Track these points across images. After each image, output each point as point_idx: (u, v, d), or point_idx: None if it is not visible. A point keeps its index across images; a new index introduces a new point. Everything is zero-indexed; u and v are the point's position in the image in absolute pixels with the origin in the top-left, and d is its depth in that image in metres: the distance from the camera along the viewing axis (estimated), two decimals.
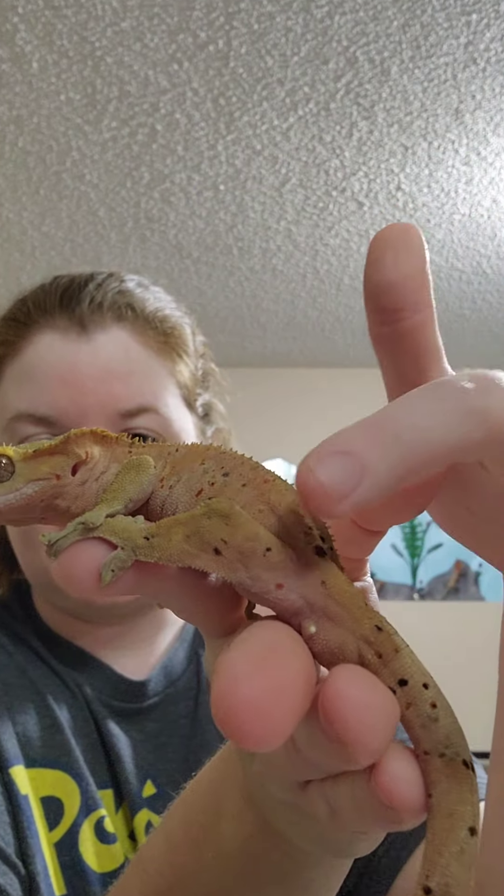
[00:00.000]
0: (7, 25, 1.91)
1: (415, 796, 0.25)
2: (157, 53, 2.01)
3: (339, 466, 0.22)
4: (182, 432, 0.74)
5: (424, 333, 0.32)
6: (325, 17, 1.89)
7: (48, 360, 0.70)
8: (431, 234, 2.88)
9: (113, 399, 0.69)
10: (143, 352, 0.73)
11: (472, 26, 1.93)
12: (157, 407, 0.71)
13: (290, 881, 0.38)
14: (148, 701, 0.75)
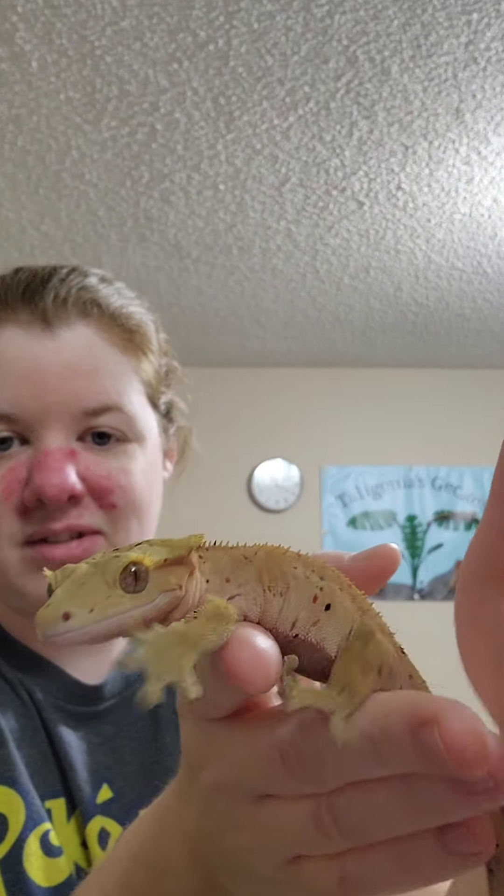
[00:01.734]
0: (6, 24, 1.91)
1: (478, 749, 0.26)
2: (157, 53, 2.01)
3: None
4: (146, 431, 0.73)
5: None
6: (326, 16, 1.90)
7: (10, 356, 0.69)
8: (432, 233, 2.88)
9: (76, 397, 0.68)
10: (108, 349, 0.72)
11: (473, 25, 1.94)
12: (122, 405, 0.70)
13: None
14: (104, 704, 0.73)
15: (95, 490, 0.68)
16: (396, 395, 4.13)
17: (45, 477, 0.65)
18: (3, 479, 0.67)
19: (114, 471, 0.69)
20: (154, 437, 0.76)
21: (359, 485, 3.98)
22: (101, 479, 0.68)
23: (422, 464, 4.01)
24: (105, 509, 0.68)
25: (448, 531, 3.92)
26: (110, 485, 0.68)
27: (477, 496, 3.96)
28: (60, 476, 0.65)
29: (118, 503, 0.69)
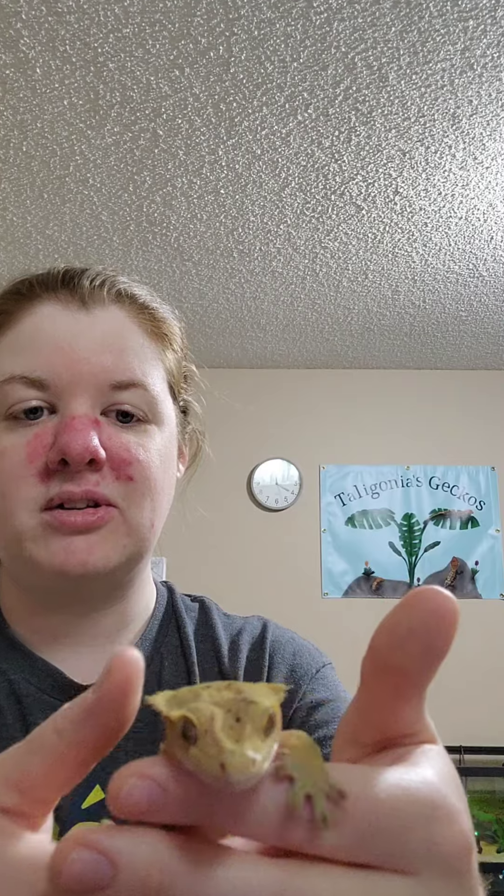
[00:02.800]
0: (10, 31, 1.94)
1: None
2: (159, 59, 2.03)
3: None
4: (165, 416, 0.76)
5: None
6: (324, 23, 1.92)
7: (46, 329, 0.72)
8: (429, 237, 2.90)
9: (105, 370, 0.71)
10: (137, 332, 0.76)
11: (469, 32, 1.95)
12: (146, 384, 0.73)
13: None
14: None
15: (115, 460, 0.70)
16: (394, 395, 4.15)
17: (70, 437, 0.67)
18: (30, 444, 0.69)
19: (133, 445, 0.71)
20: (172, 426, 0.78)
21: (357, 484, 4.00)
22: (121, 451, 0.70)
23: (419, 463, 4.03)
24: (122, 481, 0.70)
25: (444, 529, 3.94)
26: (129, 457, 0.70)
27: (473, 495, 3.99)
28: (85, 437, 0.67)
29: (135, 476, 0.70)
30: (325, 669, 0.81)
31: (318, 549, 3.93)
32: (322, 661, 0.83)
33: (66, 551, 0.68)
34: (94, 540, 0.68)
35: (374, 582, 3.85)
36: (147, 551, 0.75)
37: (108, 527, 0.69)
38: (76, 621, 0.75)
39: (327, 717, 0.74)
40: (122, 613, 0.78)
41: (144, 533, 0.72)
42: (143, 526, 0.72)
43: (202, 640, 0.81)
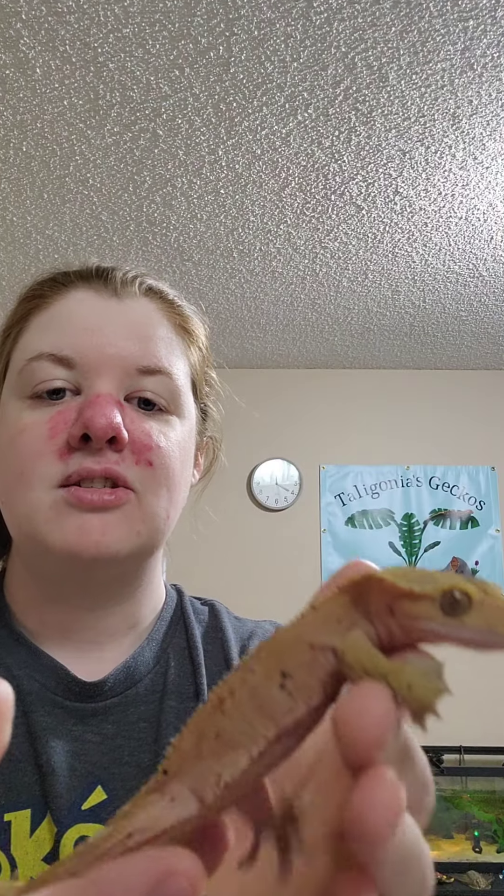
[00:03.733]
0: (10, 31, 1.93)
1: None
2: (159, 59, 2.03)
3: None
4: (186, 409, 0.76)
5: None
6: (324, 23, 1.91)
7: (78, 311, 0.73)
8: (429, 237, 2.90)
9: (132, 354, 0.71)
10: (165, 324, 0.77)
11: (469, 32, 1.95)
12: (172, 372, 0.74)
13: None
14: (106, 701, 0.72)
15: (136, 443, 0.69)
16: (394, 396, 4.15)
17: (94, 411, 0.66)
18: (52, 420, 0.69)
19: (154, 431, 0.71)
20: (192, 422, 0.78)
21: (357, 484, 4.00)
22: (143, 436, 0.70)
23: (419, 463, 4.03)
24: (141, 465, 0.70)
25: (444, 529, 3.94)
26: (150, 442, 0.70)
27: (472, 495, 3.99)
28: (109, 413, 0.67)
29: (154, 462, 0.70)
30: None
31: (319, 550, 3.93)
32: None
33: (80, 530, 0.67)
34: (110, 520, 0.68)
35: None
36: (159, 544, 0.74)
37: (124, 509, 0.69)
38: (84, 616, 0.74)
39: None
40: (130, 613, 0.77)
41: (159, 523, 0.72)
42: (158, 515, 0.71)
43: (211, 642, 0.80)
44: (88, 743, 0.69)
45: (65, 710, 0.70)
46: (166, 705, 0.73)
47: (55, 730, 0.69)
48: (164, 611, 0.82)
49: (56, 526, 0.67)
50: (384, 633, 0.31)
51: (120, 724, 0.71)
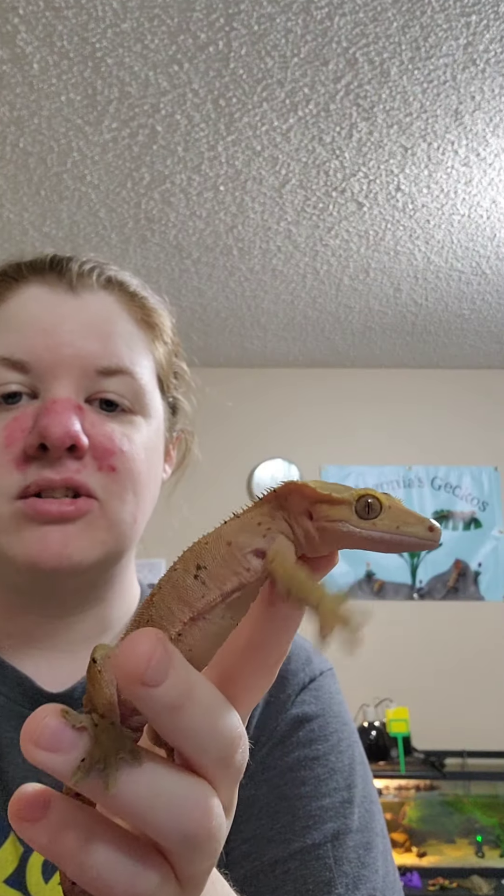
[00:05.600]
0: (8, 27, 1.92)
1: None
2: (158, 55, 2.01)
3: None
4: (152, 407, 0.73)
5: None
6: (325, 18, 1.90)
7: (31, 310, 0.70)
8: (431, 234, 2.89)
9: (91, 355, 0.68)
10: (126, 318, 0.73)
11: (472, 27, 1.94)
12: (133, 372, 0.70)
13: None
14: (77, 711, 0.70)
15: (97, 449, 0.67)
16: (396, 395, 4.13)
17: (50, 419, 0.63)
18: (7, 428, 0.66)
19: (117, 434, 0.68)
20: (159, 420, 0.75)
21: (358, 484, 3.97)
22: (104, 440, 0.67)
23: (421, 464, 4.01)
24: (104, 471, 0.67)
25: (447, 531, 3.93)
26: (112, 447, 0.67)
27: (476, 496, 3.97)
28: (66, 421, 0.64)
29: (118, 467, 0.67)
30: (323, 678, 0.75)
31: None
32: (320, 668, 0.76)
33: (40, 543, 0.64)
34: (71, 532, 0.65)
35: (376, 584, 3.83)
36: (127, 549, 0.72)
37: (87, 519, 0.66)
38: (51, 624, 0.72)
39: (312, 735, 0.69)
40: (101, 617, 0.74)
41: (125, 529, 0.69)
42: (123, 521, 0.68)
43: None
44: None
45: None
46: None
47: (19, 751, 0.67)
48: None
49: (16, 538, 0.65)
50: (301, 535, 0.36)
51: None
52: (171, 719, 0.32)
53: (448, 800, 3.32)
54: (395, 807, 3.30)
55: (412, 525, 0.34)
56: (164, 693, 0.31)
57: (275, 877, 0.61)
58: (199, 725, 0.33)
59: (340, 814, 0.64)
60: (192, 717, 0.33)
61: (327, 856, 0.62)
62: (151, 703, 0.31)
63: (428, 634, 3.75)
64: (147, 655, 0.31)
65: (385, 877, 0.64)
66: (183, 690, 0.32)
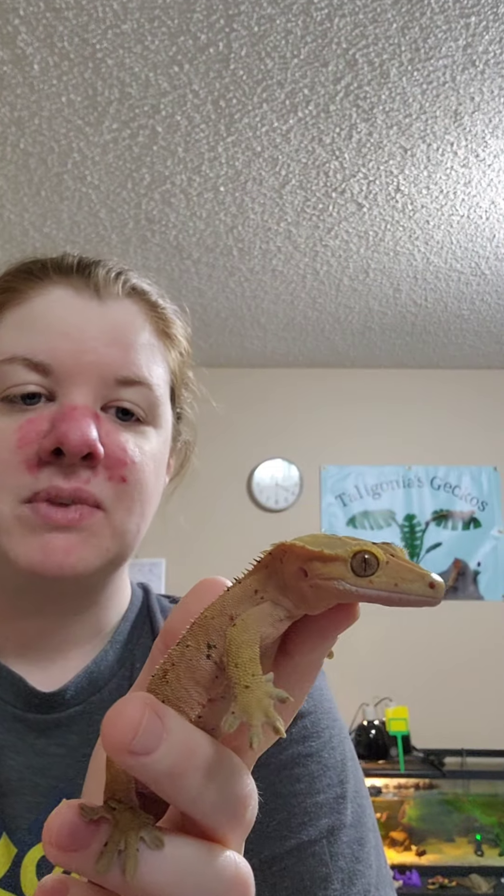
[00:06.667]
0: (8, 27, 1.92)
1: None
2: (158, 56, 2.01)
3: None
4: (164, 419, 0.73)
5: None
6: (325, 19, 1.90)
7: (56, 312, 0.69)
8: (430, 235, 2.89)
9: (112, 363, 0.68)
10: (148, 329, 0.73)
11: (471, 29, 1.94)
12: (152, 384, 0.70)
13: None
14: (68, 711, 0.69)
15: (110, 458, 0.66)
16: (395, 395, 4.13)
17: (69, 426, 0.63)
18: (22, 429, 0.65)
19: (130, 445, 0.68)
20: (168, 431, 0.75)
21: (358, 484, 3.99)
22: (118, 450, 0.67)
23: (420, 464, 4.02)
24: (114, 482, 0.67)
25: (446, 530, 3.93)
26: (125, 458, 0.67)
27: (475, 496, 3.97)
28: (85, 428, 0.64)
29: (129, 478, 0.67)
30: None
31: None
32: None
33: (43, 550, 0.64)
34: (75, 540, 0.65)
35: None
36: (128, 556, 0.72)
37: (92, 528, 0.66)
38: (47, 627, 0.71)
39: (305, 732, 0.69)
40: (95, 620, 0.74)
41: (129, 539, 0.69)
42: (129, 531, 0.69)
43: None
44: (52, 756, 0.67)
45: (25, 723, 0.68)
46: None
47: (14, 745, 0.67)
48: (129, 611, 0.78)
49: (19, 542, 0.65)
50: (297, 598, 0.34)
51: (85, 733, 0.68)
52: (173, 786, 0.31)
53: (447, 798, 3.33)
54: (394, 805, 3.30)
55: (411, 582, 0.33)
56: (158, 761, 0.30)
57: (272, 874, 0.62)
58: (204, 789, 0.32)
59: (334, 809, 0.65)
60: (196, 782, 0.31)
61: (323, 852, 0.62)
62: (146, 772, 0.30)
63: (427, 634, 3.75)
64: (134, 724, 0.30)
65: (378, 870, 0.64)
66: (181, 755, 0.31)
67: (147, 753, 0.30)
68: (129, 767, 0.30)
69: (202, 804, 0.32)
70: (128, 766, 0.30)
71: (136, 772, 0.31)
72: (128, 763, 0.30)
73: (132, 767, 0.30)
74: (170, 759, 0.30)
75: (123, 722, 0.30)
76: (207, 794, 0.32)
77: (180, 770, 0.31)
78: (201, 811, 0.32)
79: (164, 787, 0.31)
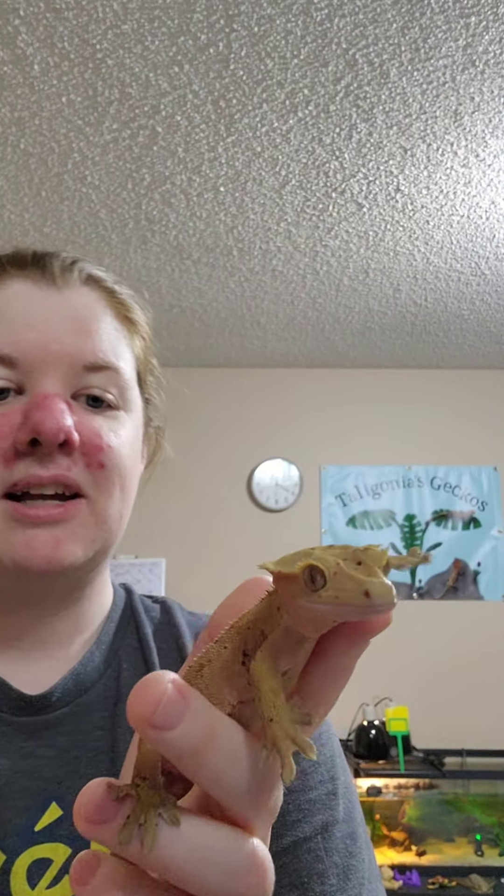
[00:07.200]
0: (8, 28, 1.92)
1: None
2: (158, 56, 2.01)
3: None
4: (134, 403, 0.73)
5: None
6: (325, 19, 1.90)
7: (17, 305, 0.69)
8: (430, 235, 2.89)
9: (78, 350, 0.68)
10: (108, 314, 0.73)
11: (471, 29, 1.94)
12: (119, 368, 0.70)
13: None
14: (55, 713, 0.68)
15: (86, 445, 0.66)
16: (395, 395, 4.14)
17: (43, 414, 0.63)
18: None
19: (105, 430, 0.68)
20: (139, 415, 0.75)
21: (358, 484, 3.99)
22: (93, 436, 0.67)
23: (420, 463, 4.02)
24: (92, 468, 0.67)
25: (446, 530, 3.93)
26: (101, 443, 0.67)
27: (475, 496, 3.97)
28: (59, 416, 0.63)
29: (106, 463, 0.67)
30: None
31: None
32: None
33: (28, 546, 0.63)
34: (61, 534, 0.65)
35: None
36: (114, 545, 0.72)
37: (77, 520, 0.66)
38: (31, 625, 0.71)
39: None
40: (79, 616, 0.74)
41: (113, 525, 0.69)
42: (112, 517, 0.68)
43: (164, 639, 0.77)
44: (41, 759, 0.66)
45: (12, 726, 0.67)
46: (120, 710, 0.70)
47: (2, 749, 0.66)
48: (113, 612, 0.78)
49: (2, 539, 0.64)
50: (295, 619, 0.34)
51: (73, 734, 0.68)
52: (195, 764, 0.32)
53: (447, 798, 3.33)
54: (394, 805, 3.30)
55: (348, 592, 0.30)
56: (179, 737, 0.31)
57: None
58: (227, 772, 0.32)
59: (327, 805, 0.66)
60: (218, 764, 0.32)
61: (318, 848, 0.63)
62: (168, 747, 0.31)
63: (427, 634, 3.76)
64: (155, 698, 0.31)
65: (370, 864, 0.65)
66: (204, 735, 0.32)
67: (168, 728, 0.31)
68: (151, 740, 0.31)
69: (225, 786, 0.33)
70: (149, 738, 0.31)
71: (157, 745, 0.31)
72: (149, 735, 0.31)
73: (153, 741, 0.31)
74: (191, 736, 0.31)
75: (146, 695, 0.31)
76: (230, 777, 0.33)
77: (202, 749, 0.32)
78: (224, 793, 0.33)
79: (186, 765, 0.32)
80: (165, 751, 0.31)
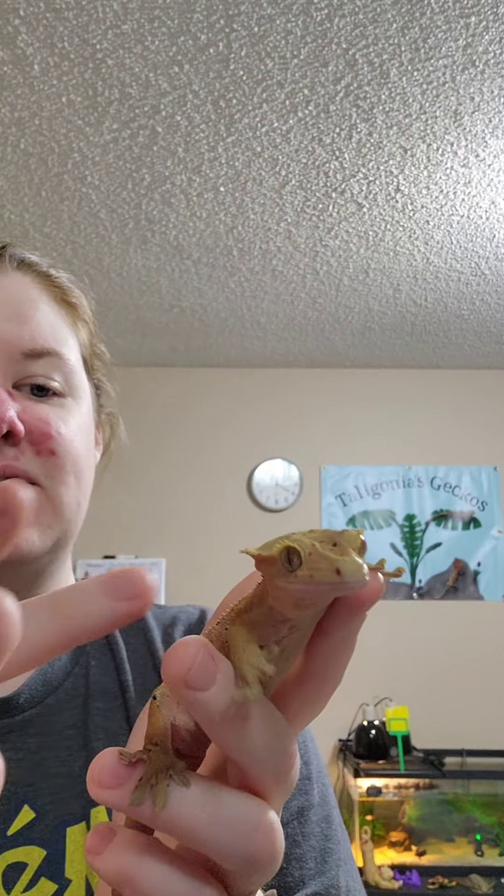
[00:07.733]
0: (8, 28, 1.92)
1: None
2: (158, 56, 2.01)
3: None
4: (81, 389, 0.71)
5: None
6: (325, 19, 1.90)
7: None
8: (430, 235, 2.89)
9: (16, 338, 0.65)
10: (46, 299, 0.71)
11: (471, 29, 1.94)
12: (61, 353, 0.68)
13: None
14: (22, 715, 0.66)
15: (34, 433, 0.64)
16: (395, 395, 4.14)
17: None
18: None
19: (52, 417, 0.66)
20: (88, 402, 0.73)
21: (358, 484, 3.99)
22: (40, 424, 0.65)
23: (420, 463, 4.02)
24: (43, 456, 0.65)
25: (446, 530, 3.93)
26: (49, 430, 0.65)
27: (475, 495, 3.97)
28: (0, 407, 0.61)
29: (57, 450, 0.65)
30: None
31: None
32: None
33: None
34: None
35: None
36: (73, 534, 0.70)
37: (31, 508, 0.64)
38: None
39: None
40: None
41: (70, 513, 0.68)
42: (69, 505, 0.67)
43: (132, 634, 0.75)
44: (9, 762, 0.64)
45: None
46: (92, 707, 0.68)
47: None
48: None
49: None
50: (279, 602, 0.35)
51: (43, 735, 0.66)
52: (225, 728, 0.33)
53: (447, 798, 3.33)
54: (394, 805, 3.30)
55: (321, 571, 0.31)
56: (213, 697, 0.32)
57: None
58: (254, 738, 0.33)
59: (302, 790, 0.66)
60: (247, 730, 0.33)
61: (295, 833, 0.63)
62: (202, 708, 0.32)
63: (427, 634, 3.76)
64: (189, 658, 0.32)
65: (345, 845, 0.66)
66: (233, 700, 0.32)
67: (202, 689, 0.32)
68: (187, 702, 0.32)
69: (251, 753, 0.33)
70: (186, 699, 0.32)
71: (192, 707, 0.32)
72: (185, 696, 0.32)
73: (189, 702, 0.32)
74: (223, 699, 0.32)
75: (180, 656, 0.32)
76: (256, 743, 0.33)
77: (233, 713, 0.32)
78: (248, 760, 0.34)
79: (216, 730, 0.33)
80: (200, 714, 0.32)
